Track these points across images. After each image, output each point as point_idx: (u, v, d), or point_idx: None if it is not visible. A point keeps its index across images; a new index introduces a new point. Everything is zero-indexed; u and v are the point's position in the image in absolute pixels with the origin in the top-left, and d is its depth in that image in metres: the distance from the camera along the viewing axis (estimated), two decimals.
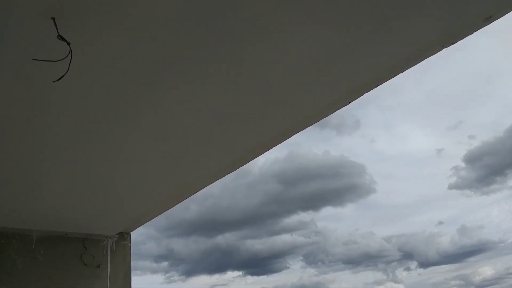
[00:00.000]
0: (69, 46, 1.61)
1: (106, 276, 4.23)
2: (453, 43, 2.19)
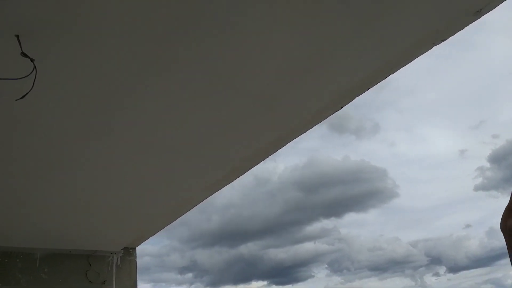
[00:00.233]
0: (33, 63, 1.58)
1: None
2: (444, 40, 2.07)
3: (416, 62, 2.22)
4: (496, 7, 1.90)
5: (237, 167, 3.01)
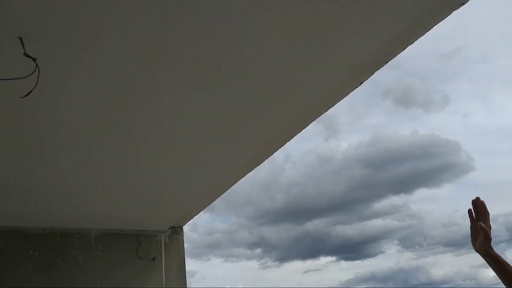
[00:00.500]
0: (35, 62, 1.68)
1: (161, 268, 4.47)
2: (463, 4, 1.89)
3: (489, 27, 2.02)
4: None
5: (264, 148, 3.05)
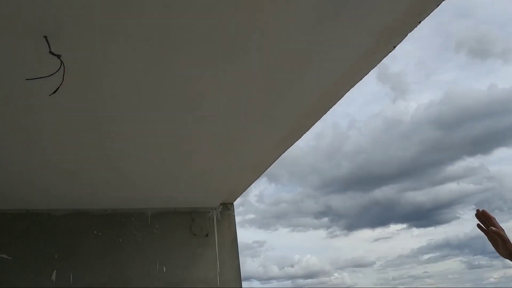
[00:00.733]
0: (60, 59, 1.76)
1: (214, 244, 4.65)
2: None
3: None
4: None
5: (300, 122, 3.02)
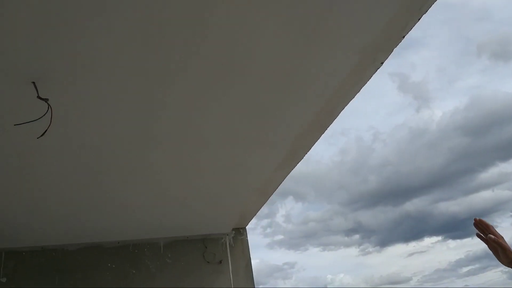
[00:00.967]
0: (47, 103, 1.81)
1: (228, 270, 4.61)
2: None
3: None
4: None
5: (297, 144, 3.02)
